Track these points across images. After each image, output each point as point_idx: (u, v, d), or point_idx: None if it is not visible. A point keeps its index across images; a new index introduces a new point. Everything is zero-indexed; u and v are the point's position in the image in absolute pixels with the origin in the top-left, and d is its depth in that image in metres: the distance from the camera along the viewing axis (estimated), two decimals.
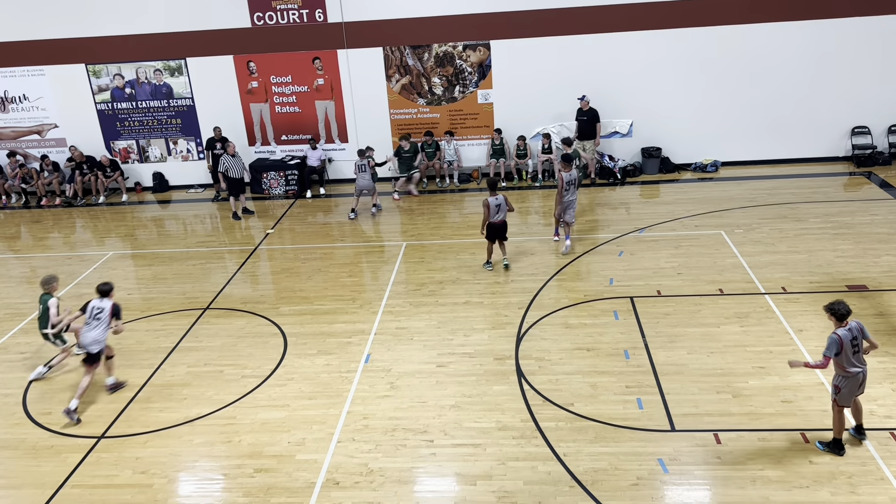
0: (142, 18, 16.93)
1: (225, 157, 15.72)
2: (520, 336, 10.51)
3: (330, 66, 17.18)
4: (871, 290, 10.93)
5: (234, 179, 15.77)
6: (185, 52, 17.30)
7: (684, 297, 11.18)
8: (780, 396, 8.73)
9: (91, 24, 17.11)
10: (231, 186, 15.88)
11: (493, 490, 7.63)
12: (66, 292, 12.88)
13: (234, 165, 15.68)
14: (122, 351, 10.82)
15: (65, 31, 17.23)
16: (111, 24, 17.07)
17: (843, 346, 7.38)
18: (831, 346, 7.42)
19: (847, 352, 7.41)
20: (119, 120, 18.13)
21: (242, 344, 10.74)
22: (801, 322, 10.22)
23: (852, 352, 7.44)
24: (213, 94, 17.65)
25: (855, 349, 7.47)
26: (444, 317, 11.18)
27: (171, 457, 8.50)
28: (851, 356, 7.45)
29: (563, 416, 8.70)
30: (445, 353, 10.19)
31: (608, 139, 16.93)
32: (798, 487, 7.36)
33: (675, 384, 9.10)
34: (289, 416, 9.05)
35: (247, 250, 14.39)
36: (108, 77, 17.73)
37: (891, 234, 12.74)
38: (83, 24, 17.11)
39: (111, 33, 17.15)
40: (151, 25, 17.01)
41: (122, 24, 17.04)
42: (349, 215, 15.62)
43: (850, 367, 7.48)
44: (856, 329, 7.49)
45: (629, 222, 14.22)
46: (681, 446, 8.05)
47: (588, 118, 16.18)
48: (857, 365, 7.50)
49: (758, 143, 16.70)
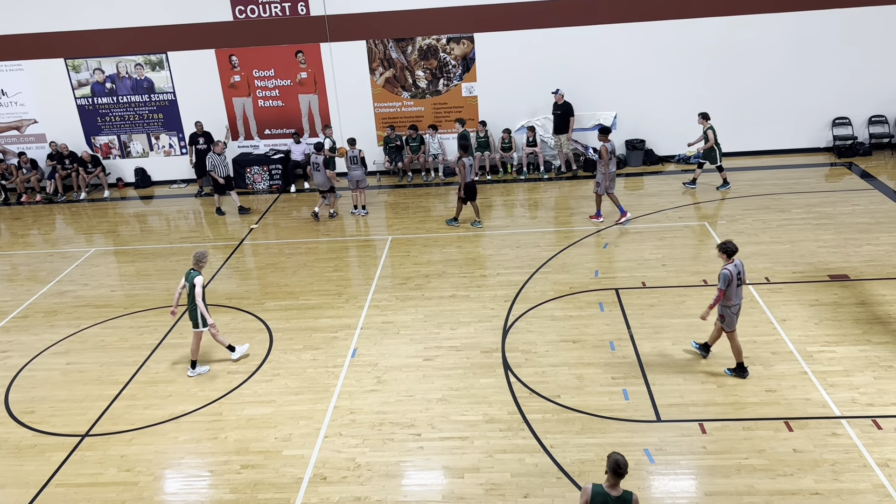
0: (122, 12, 16.74)
1: (211, 156, 15.58)
2: (506, 329, 10.52)
3: (313, 59, 17.07)
4: (853, 280, 11.04)
5: (220, 178, 15.63)
6: (166, 46, 17.13)
7: (669, 288, 11.25)
8: (763, 386, 8.81)
9: (70, 18, 16.89)
10: (217, 185, 15.75)
11: (481, 483, 7.65)
12: (48, 289, 12.75)
13: (220, 164, 15.53)
14: (106, 348, 10.74)
15: (43, 25, 16.99)
16: (90, 18, 16.86)
17: (732, 279, 8.52)
18: (723, 279, 8.52)
19: (733, 285, 8.56)
20: (100, 115, 17.93)
21: (228, 340, 10.69)
22: (785, 312, 10.31)
23: (737, 284, 8.59)
24: (196, 89, 17.49)
25: (739, 283, 8.61)
26: (430, 310, 11.18)
27: (156, 454, 8.44)
28: (736, 288, 8.59)
29: (549, 408, 8.73)
30: (432, 346, 10.19)
31: (593, 132, 16.97)
32: (782, 475, 7.43)
33: (660, 375, 9.16)
34: (275, 411, 9.02)
35: (231, 245, 14.30)
36: (88, 72, 17.52)
37: (871, 224, 12.87)
38: (62, 17, 16.89)
39: (91, 27, 16.94)
40: (132, 19, 16.82)
41: (101, 18, 16.84)
42: (330, 213, 15.36)
43: (734, 299, 8.64)
44: (740, 265, 8.65)
45: (612, 215, 14.27)
46: (666, 436, 8.11)
47: (562, 112, 16.19)
48: (739, 297, 8.68)
49: (740, 135, 16.79)
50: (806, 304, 10.45)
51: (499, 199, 15.74)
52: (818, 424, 8.09)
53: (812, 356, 9.27)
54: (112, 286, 12.79)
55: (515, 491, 7.50)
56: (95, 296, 12.38)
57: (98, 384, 9.87)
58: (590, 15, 16.06)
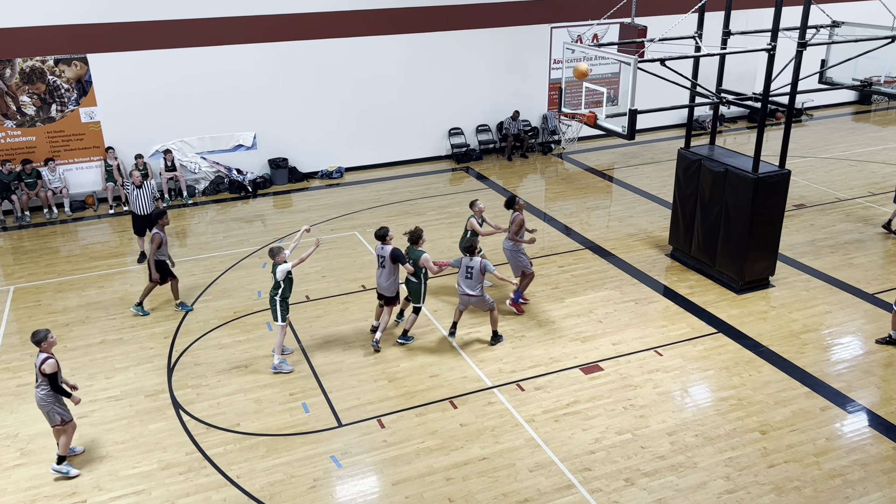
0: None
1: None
2: (171, 367, 9.83)
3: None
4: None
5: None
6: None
7: (332, 297, 11.61)
8: (428, 373, 9.61)
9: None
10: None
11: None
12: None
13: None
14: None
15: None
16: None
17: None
18: (454, 262, 10.17)
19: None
20: None
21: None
22: (435, 304, 11.35)
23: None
24: None
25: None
26: (77, 362, 9.92)
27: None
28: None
29: (230, 439, 8.40)
30: (86, 401, 9.05)
31: (233, 153, 16.70)
32: (454, 450, 8.21)
33: (336, 381, 9.42)
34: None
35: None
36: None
37: (491, 219, 14.83)
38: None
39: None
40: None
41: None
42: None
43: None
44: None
45: (267, 234, 14.24)
46: (350, 439, 8.38)
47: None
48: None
49: (375, 148, 18.03)
50: (451, 296, 11.65)
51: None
52: (476, 398, 9.10)
53: (462, 339, 10.39)
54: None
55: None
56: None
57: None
58: (220, 34, 15.73)
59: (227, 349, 10.22)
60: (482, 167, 18.18)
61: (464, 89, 18.33)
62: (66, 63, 15.07)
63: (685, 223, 12.39)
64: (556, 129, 19.30)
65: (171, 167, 15.88)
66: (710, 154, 11.98)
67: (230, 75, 16.15)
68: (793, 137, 12.77)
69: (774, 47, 10.60)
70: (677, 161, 12.39)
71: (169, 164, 15.85)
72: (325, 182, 17.30)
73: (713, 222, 11.75)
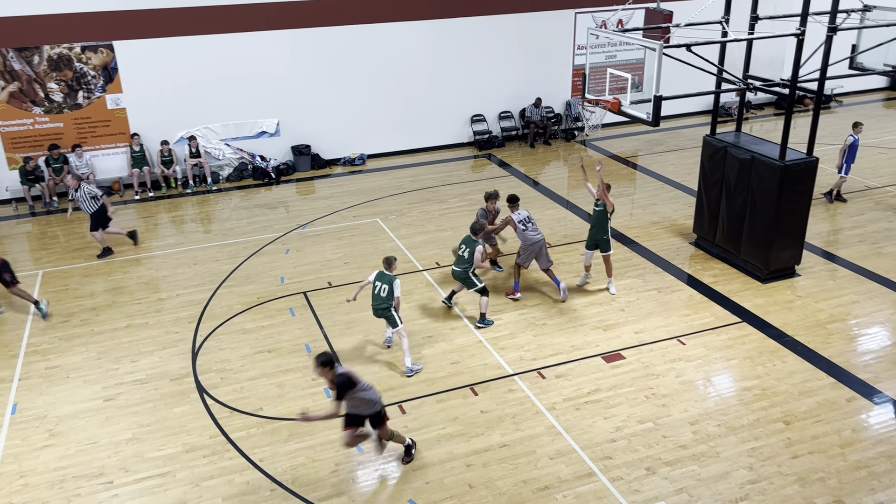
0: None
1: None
2: (195, 351, 9.95)
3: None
4: (504, 256, 12.58)
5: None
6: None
7: (354, 283, 11.66)
8: (449, 360, 9.63)
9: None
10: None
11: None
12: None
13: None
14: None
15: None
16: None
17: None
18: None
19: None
20: None
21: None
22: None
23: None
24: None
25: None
26: (103, 346, 10.08)
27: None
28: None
29: (253, 423, 8.50)
30: (112, 384, 9.21)
31: (256, 140, 16.79)
32: (475, 436, 8.23)
33: (355, 367, 9.46)
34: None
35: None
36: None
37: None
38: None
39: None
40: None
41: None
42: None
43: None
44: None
45: (290, 220, 14.32)
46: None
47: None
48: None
49: (397, 135, 18.02)
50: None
51: (166, 217, 14.76)
52: (497, 385, 9.11)
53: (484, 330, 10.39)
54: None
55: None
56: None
57: None
58: (242, 22, 15.78)
59: (250, 334, 10.32)
60: (504, 154, 18.10)
61: (486, 75, 18.22)
62: (93, 50, 15.22)
63: (710, 211, 12.25)
64: (580, 116, 19.14)
65: (196, 154, 16.01)
66: (736, 141, 11.81)
67: (254, 62, 16.21)
68: (821, 124, 12.53)
69: (803, 32, 10.40)
70: (702, 148, 12.24)
71: (193, 151, 15.98)
72: (347, 169, 17.34)
73: (738, 210, 11.61)
